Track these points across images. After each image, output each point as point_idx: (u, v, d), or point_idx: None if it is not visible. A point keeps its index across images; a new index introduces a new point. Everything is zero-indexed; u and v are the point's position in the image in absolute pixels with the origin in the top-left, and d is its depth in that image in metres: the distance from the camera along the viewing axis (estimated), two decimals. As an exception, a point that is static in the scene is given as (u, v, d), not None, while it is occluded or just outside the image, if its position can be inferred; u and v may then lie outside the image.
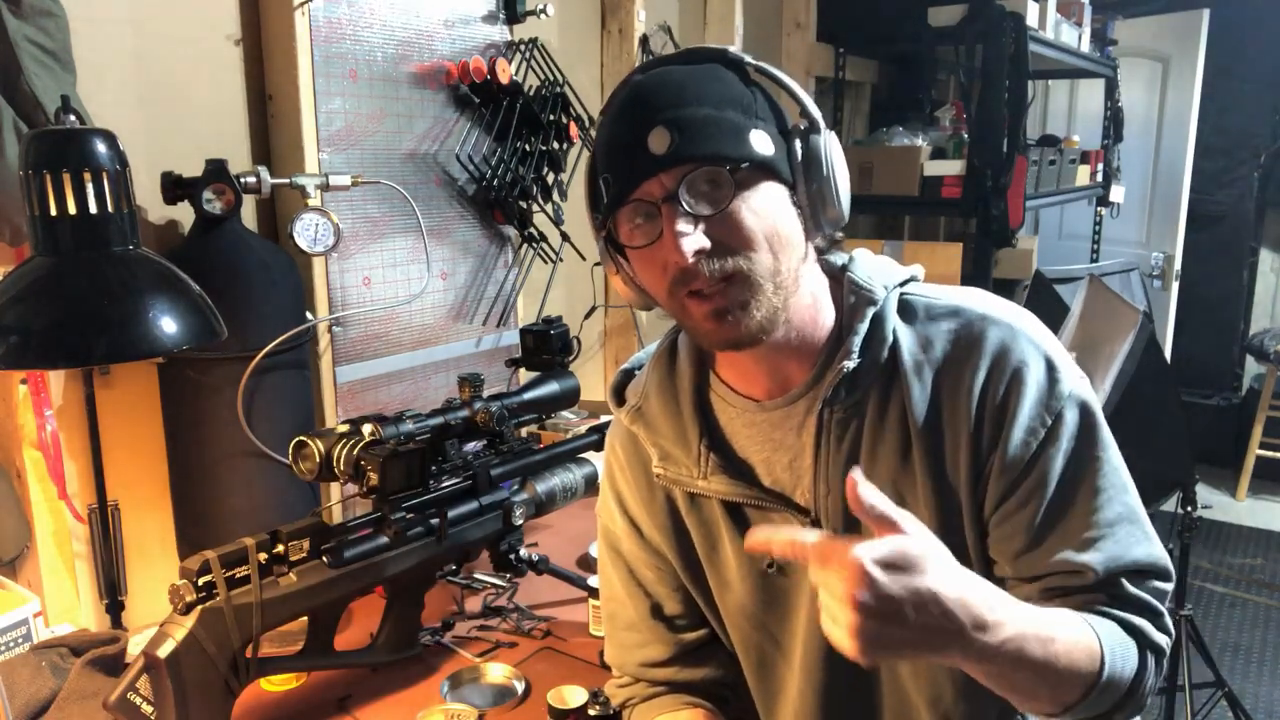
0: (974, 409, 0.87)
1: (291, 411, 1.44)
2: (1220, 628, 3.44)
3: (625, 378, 1.07)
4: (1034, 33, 2.93)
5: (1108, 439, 0.88)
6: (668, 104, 0.82)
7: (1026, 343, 0.88)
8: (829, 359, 0.91)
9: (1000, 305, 0.92)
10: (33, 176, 1.07)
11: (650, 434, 1.00)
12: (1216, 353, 4.95)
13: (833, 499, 0.91)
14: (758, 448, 0.96)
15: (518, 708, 1.24)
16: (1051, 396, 0.86)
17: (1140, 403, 2.22)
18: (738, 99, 0.84)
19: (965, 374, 0.87)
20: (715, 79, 0.85)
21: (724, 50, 0.88)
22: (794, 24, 3.07)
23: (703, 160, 0.81)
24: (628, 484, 1.06)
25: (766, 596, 0.98)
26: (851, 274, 0.93)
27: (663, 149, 0.81)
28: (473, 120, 1.90)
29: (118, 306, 1.10)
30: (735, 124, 0.83)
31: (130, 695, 1.03)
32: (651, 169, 0.82)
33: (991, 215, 2.85)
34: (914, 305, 0.92)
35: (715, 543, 1.00)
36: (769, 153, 0.84)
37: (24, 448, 1.34)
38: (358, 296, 1.71)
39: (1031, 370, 0.86)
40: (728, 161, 0.81)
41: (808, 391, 0.91)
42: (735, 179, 0.81)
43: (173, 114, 1.49)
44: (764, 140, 0.84)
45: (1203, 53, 4.25)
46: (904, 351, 0.89)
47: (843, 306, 0.92)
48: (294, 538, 1.11)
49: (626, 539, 1.07)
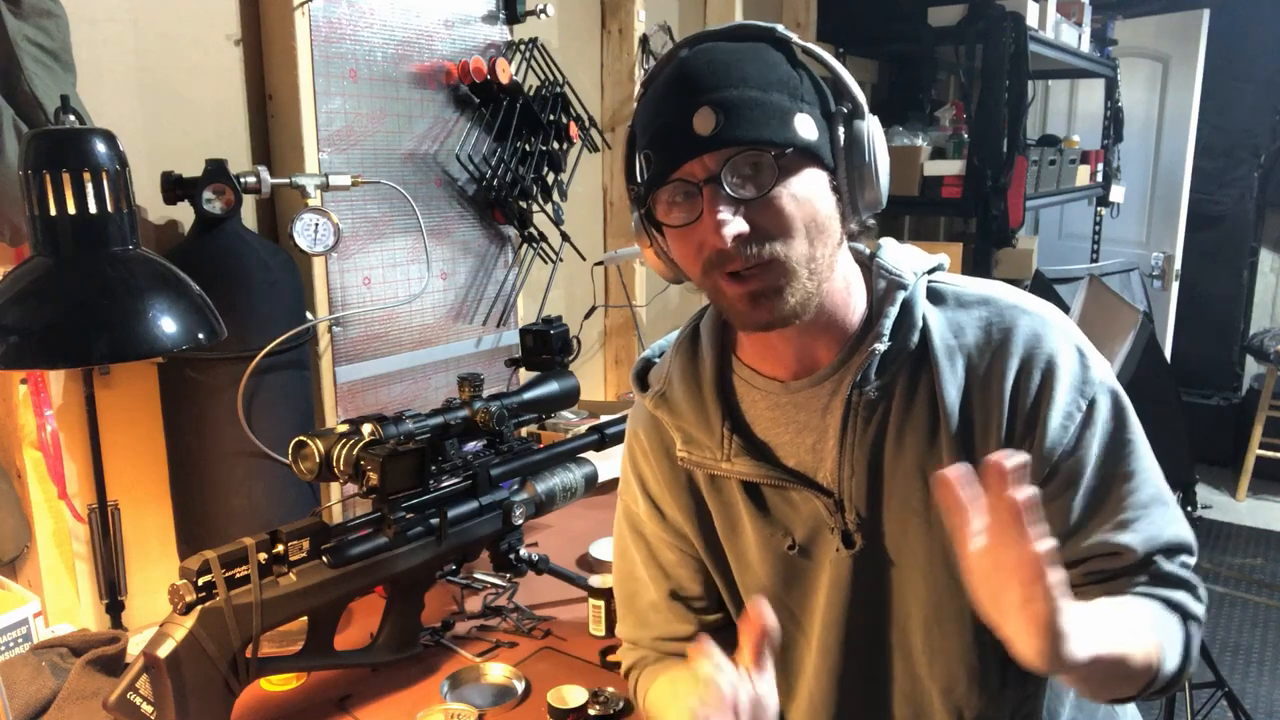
0: (1007, 396, 0.88)
1: (291, 411, 1.44)
2: (1220, 628, 3.44)
3: (647, 365, 1.07)
4: (1034, 33, 2.94)
5: (1136, 424, 0.90)
6: (714, 84, 0.82)
7: (1058, 333, 0.89)
8: (858, 342, 0.91)
9: (1028, 297, 0.93)
10: (32, 176, 1.07)
11: (674, 418, 1.00)
12: (1216, 353, 4.95)
13: (857, 481, 0.92)
14: (781, 429, 0.96)
15: (518, 708, 1.24)
16: (1085, 383, 0.88)
17: (1140, 403, 2.21)
18: (784, 81, 0.84)
19: (998, 361, 0.88)
20: (762, 59, 0.84)
21: (773, 28, 0.86)
22: (794, 24, 3.07)
23: (748, 144, 0.80)
24: (650, 467, 1.06)
25: (787, 577, 0.99)
26: (881, 260, 0.94)
27: (708, 130, 0.80)
28: (473, 120, 1.90)
29: (118, 306, 1.10)
30: (781, 107, 0.82)
31: (130, 695, 1.03)
32: (696, 149, 0.81)
33: (991, 215, 2.86)
34: (943, 292, 0.93)
35: (735, 523, 1.00)
36: (813, 137, 0.83)
37: (24, 448, 1.34)
38: (358, 296, 1.71)
39: (1064, 359, 0.88)
40: (773, 146, 0.81)
41: (834, 373, 0.92)
42: (779, 164, 0.81)
43: (173, 114, 1.49)
44: (808, 124, 0.83)
45: (1203, 53, 4.25)
46: (935, 336, 0.90)
47: (873, 291, 0.93)
48: (294, 538, 1.11)
49: (650, 521, 1.07)
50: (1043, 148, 3.34)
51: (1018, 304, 0.91)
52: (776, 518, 0.97)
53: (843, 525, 0.93)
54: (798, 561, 0.97)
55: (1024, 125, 2.92)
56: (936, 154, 3.07)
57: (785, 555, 0.97)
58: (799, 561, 0.97)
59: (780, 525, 0.97)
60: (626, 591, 1.12)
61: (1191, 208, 4.49)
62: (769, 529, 0.97)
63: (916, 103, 3.57)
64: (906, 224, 3.84)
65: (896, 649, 0.96)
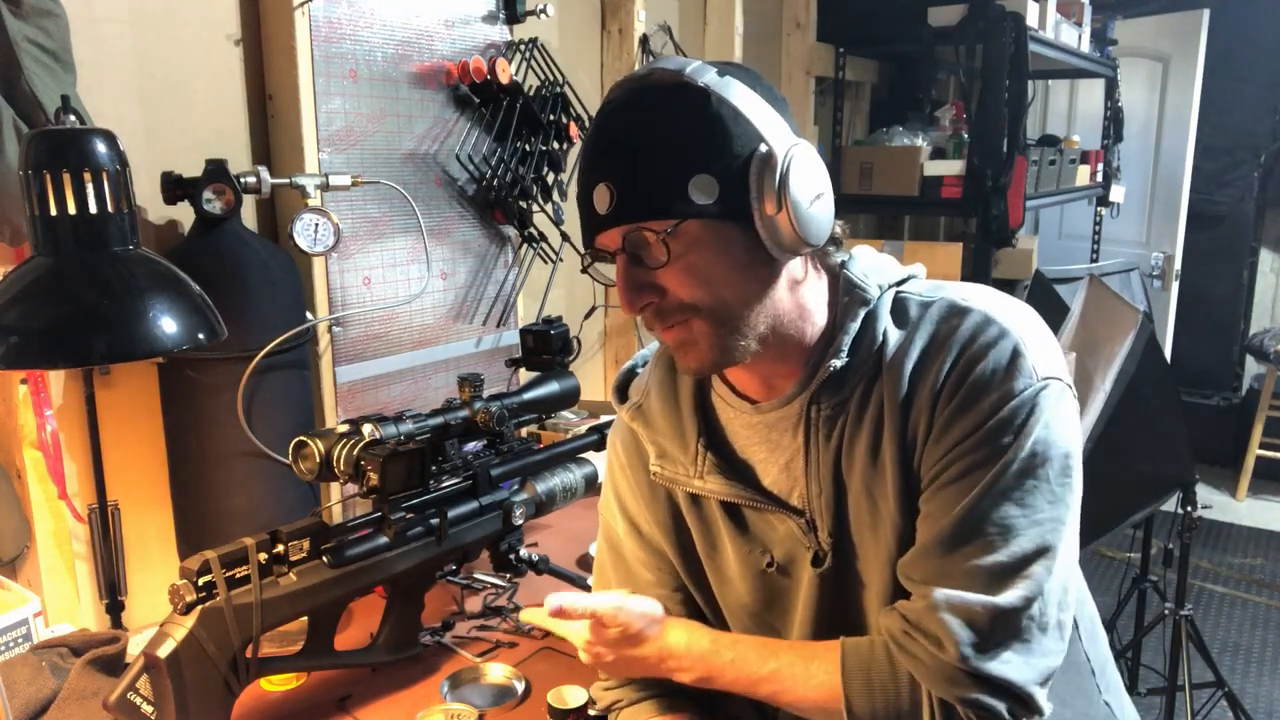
0: (934, 395, 0.85)
1: (291, 411, 1.44)
2: (1220, 628, 3.44)
3: (628, 376, 1.07)
4: (1034, 33, 2.94)
5: (1038, 446, 0.82)
6: (610, 158, 0.84)
7: (997, 330, 0.84)
8: (820, 359, 0.90)
9: (986, 296, 0.90)
10: (33, 176, 1.07)
11: (649, 432, 1.00)
12: (1216, 353, 4.96)
13: (825, 499, 0.91)
14: (756, 448, 0.96)
15: (518, 708, 1.24)
16: (1001, 387, 0.82)
17: (1140, 403, 2.22)
18: (682, 143, 0.82)
19: (934, 364, 0.86)
20: (664, 118, 0.82)
21: (680, 76, 0.83)
22: (794, 24, 3.07)
23: (637, 221, 0.83)
24: (628, 483, 1.06)
25: (767, 594, 0.98)
26: (847, 272, 0.92)
27: (604, 209, 0.84)
28: (473, 120, 1.90)
29: (118, 306, 1.10)
30: (673, 177, 0.81)
31: (130, 695, 1.03)
32: (599, 225, 0.85)
33: (991, 215, 2.86)
34: (907, 303, 0.91)
35: (715, 541, 1.00)
36: (710, 200, 0.81)
37: (24, 448, 1.34)
38: (358, 296, 1.71)
39: (992, 357, 0.83)
40: (664, 219, 0.82)
41: (801, 392, 0.91)
42: (672, 237, 0.82)
43: (173, 114, 1.49)
44: (708, 186, 0.81)
45: (1203, 53, 4.25)
46: (888, 349, 0.88)
47: (836, 304, 0.92)
48: (294, 538, 1.11)
49: (627, 540, 1.07)
50: (1043, 148, 3.34)
51: (967, 305, 0.87)
52: (756, 536, 0.97)
53: (815, 545, 0.93)
54: (777, 580, 0.97)
55: (1024, 125, 2.92)
56: (936, 154, 3.07)
57: (765, 574, 0.97)
58: (778, 580, 0.97)
59: (759, 543, 0.97)
60: None
61: (1191, 208, 4.49)
62: (748, 547, 0.97)
63: (916, 103, 3.57)
64: (906, 224, 3.84)
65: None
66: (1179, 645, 2.44)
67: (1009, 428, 0.82)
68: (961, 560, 0.82)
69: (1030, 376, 0.83)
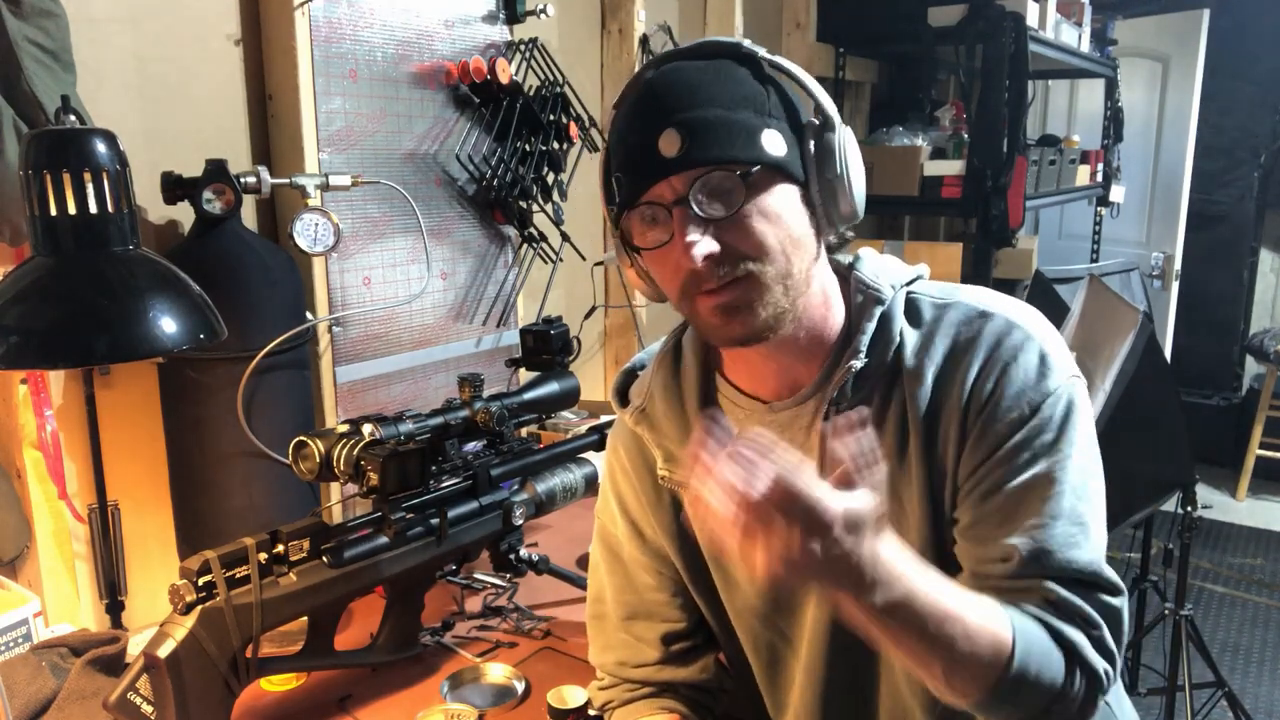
0: (964, 403, 0.86)
1: (291, 411, 1.44)
2: (1220, 628, 3.44)
3: (628, 378, 1.06)
4: (1034, 33, 2.93)
5: (1082, 440, 0.85)
6: (679, 105, 0.81)
7: (1021, 335, 0.86)
8: (837, 359, 0.90)
9: (1001, 301, 0.91)
10: (33, 176, 1.07)
11: (655, 435, 1.00)
12: (1216, 353, 4.95)
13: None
14: None
15: (518, 708, 1.24)
16: (1035, 389, 0.84)
17: (1140, 403, 2.22)
18: (750, 97, 0.83)
19: (959, 371, 0.86)
20: (728, 76, 0.84)
21: (738, 44, 0.86)
22: (794, 24, 3.07)
23: (714, 163, 0.80)
24: (631, 486, 1.05)
25: (776, 598, 0.98)
26: (858, 273, 0.92)
27: (673, 152, 0.80)
28: (473, 120, 1.90)
29: (118, 306, 1.10)
30: (748, 124, 0.81)
31: (130, 695, 1.03)
32: (662, 171, 0.81)
33: (991, 215, 2.85)
34: (919, 304, 0.91)
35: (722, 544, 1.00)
36: (781, 153, 0.82)
37: (24, 448, 1.34)
38: (358, 296, 1.71)
39: (1021, 362, 0.85)
40: (739, 164, 0.80)
41: (816, 392, 0.91)
42: (747, 183, 0.80)
43: (173, 114, 1.49)
44: (777, 140, 0.82)
45: (1203, 53, 4.25)
46: (907, 351, 0.88)
47: (850, 305, 0.92)
48: (294, 538, 1.11)
49: (628, 543, 1.06)
50: (1043, 148, 3.34)
51: (987, 309, 0.89)
52: None
53: None
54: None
55: (1024, 125, 2.92)
56: (936, 154, 3.07)
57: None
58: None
59: None
60: (595, 613, 1.12)
61: (1191, 208, 4.49)
62: None
63: (916, 103, 3.57)
64: (906, 224, 3.84)
65: (881, 663, 0.96)
66: (1179, 645, 2.44)
67: (1050, 426, 0.84)
68: (1056, 567, 0.82)
69: (1060, 376, 0.85)
